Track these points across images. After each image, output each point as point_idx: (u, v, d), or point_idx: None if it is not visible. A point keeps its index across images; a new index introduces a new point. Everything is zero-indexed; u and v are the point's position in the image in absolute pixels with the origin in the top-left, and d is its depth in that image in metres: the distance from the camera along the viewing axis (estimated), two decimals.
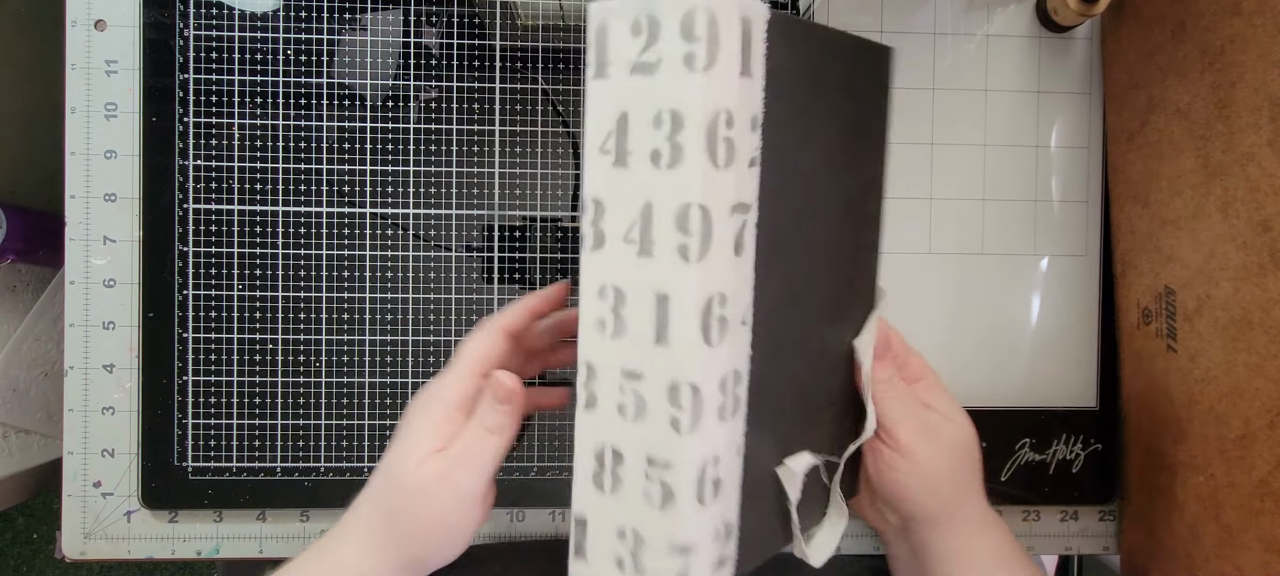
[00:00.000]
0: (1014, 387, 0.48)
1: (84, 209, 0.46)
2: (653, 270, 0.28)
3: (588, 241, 0.30)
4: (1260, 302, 0.37)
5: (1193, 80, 0.41)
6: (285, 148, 0.46)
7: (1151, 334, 0.45)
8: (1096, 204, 0.48)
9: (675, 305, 0.28)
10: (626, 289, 0.29)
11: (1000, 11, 0.48)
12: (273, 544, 0.47)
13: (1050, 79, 0.48)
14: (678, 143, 0.27)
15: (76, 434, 0.46)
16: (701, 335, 0.28)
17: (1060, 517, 0.49)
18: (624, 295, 0.29)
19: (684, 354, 0.28)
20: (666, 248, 0.28)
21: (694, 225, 0.27)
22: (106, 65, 0.45)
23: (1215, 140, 0.39)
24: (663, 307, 0.28)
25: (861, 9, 0.48)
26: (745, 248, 0.29)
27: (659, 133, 0.27)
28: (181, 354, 0.46)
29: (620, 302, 0.29)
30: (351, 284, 0.46)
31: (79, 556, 0.47)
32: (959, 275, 0.48)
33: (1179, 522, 0.43)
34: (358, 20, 0.46)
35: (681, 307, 0.28)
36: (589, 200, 0.30)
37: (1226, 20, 0.39)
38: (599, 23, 0.28)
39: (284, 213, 0.46)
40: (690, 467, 0.28)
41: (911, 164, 0.48)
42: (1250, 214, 0.37)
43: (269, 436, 0.46)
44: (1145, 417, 0.45)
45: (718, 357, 0.28)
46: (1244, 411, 0.38)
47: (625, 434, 0.29)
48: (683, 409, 0.28)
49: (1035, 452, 0.48)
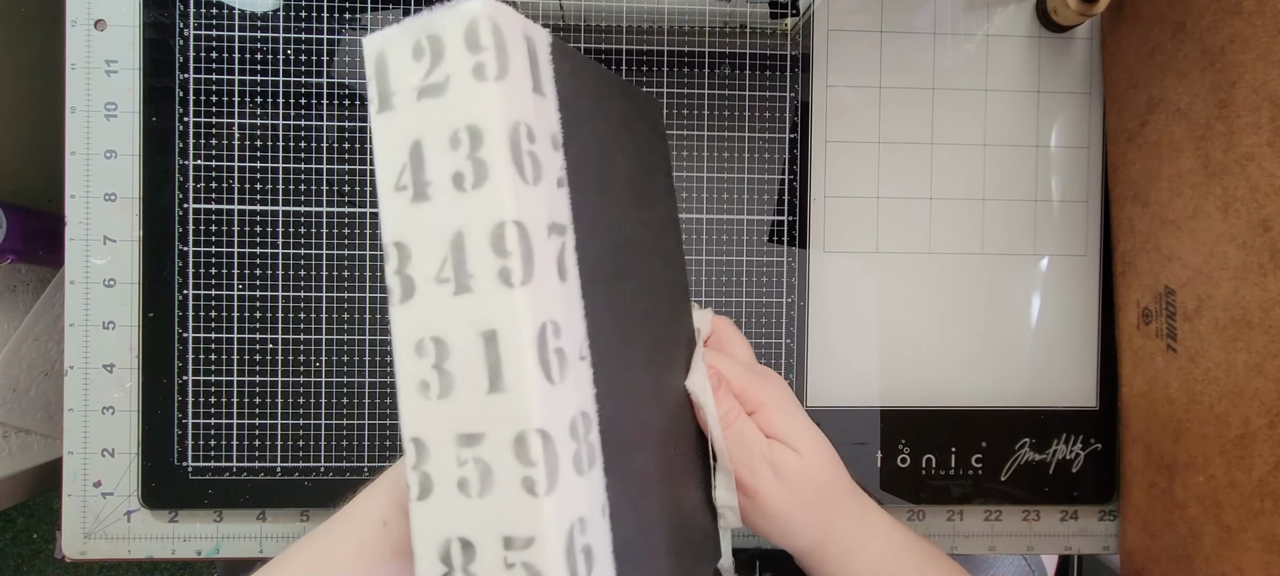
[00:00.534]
0: (1014, 387, 0.48)
1: (84, 209, 0.46)
2: (474, 306, 0.25)
3: (395, 294, 0.26)
4: (1260, 303, 0.37)
5: (1193, 80, 0.41)
6: (285, 148, 0.46)
7: (1151, 334, 0.45)
8: (1096, 204, 0.48)
9: (506, 339, 0.24)
10: (447, 336, 0.25)
11: (1000, 11, 0.48)
12: (273, 544, 0.47)
13: (1050, 79, 0.48)
14: (480, 158, 0.25)
15: (76, 434, 0.46)
16: (541, 370, 0.24)
17: (1060, 517, 0.49)
18: (446, 345, 0.25)
19: (525, 394, 0.24)
20: (486, 276, 0.25)
21: (512, 243, 0.24)
22: (106, 65, 0.45)
23: (1215, 140, 0.39)
24: (492, 347, 0.24)
25: (861, 9, 0.48)
26: (568, 272, 0.27)
27: (458, 153, 0.25)
28: (181, 354, 0.46)
29: (443, 355, 0.25)
30: (351, 284, 0.46)
31: (79, 556, 0.47)
32: (959, 275, 0.48)
33: (1179, 522, 0.43)
34: (358, 20, 0.46)
35: (514, 341, 0.24)
36: (390, 247, 0.26)
37: (1226, 20, 0.39)
38: (376, 54, 0.26)
39: (284, 213, 0.46)
40: (556, 537, 0.24)
41: (911, 164, 0.48)
42: (1250, 214, 0.37)
43: (269, 436, 0.46)
44: (1145, 417, 0.45)
45: (563, 397, 0.25)
46: (1244, 411, 0.38)
47: (472, 517, 0.25)
48: (535, 463, 0.24)
49: (1035, 452, 0.48)
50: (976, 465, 0.48)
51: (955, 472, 0.48)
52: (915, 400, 0.48)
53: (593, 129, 0.30)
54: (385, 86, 0.26)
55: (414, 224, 0.26)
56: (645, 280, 0.34)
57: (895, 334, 0.48)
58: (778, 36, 0.47)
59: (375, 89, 0.26)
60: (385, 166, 0.26)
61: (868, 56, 0.48)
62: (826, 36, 0.47)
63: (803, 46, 0.47)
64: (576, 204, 0.28)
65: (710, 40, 0.47)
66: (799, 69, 0.47)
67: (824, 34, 0.47)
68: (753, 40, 0.47)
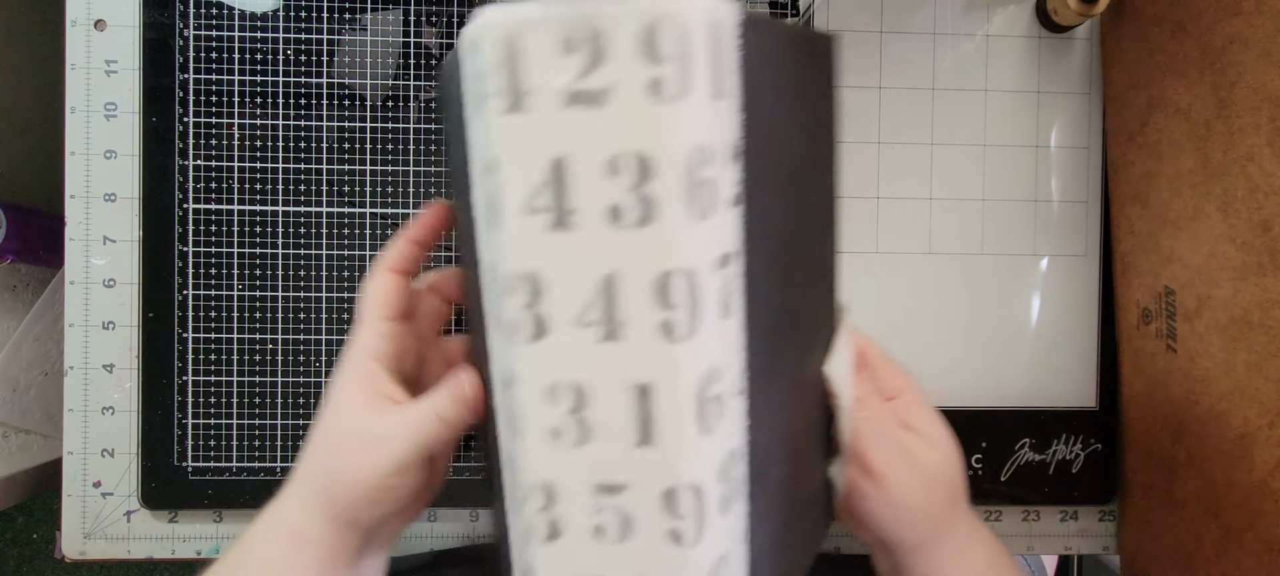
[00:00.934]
0: (1014, 387, 0.48)
1: (84, 209, 0.46)
2: (625, 357, 0.22)
3: (521, 332, 0.23)
4: (1260, 302, 0.37)
5: (1193, 80, 0.41)
6: (285, 148, 0.46)
7: (1151, 334, 0.45)
8: (1096, 204, 0.48)
9: (662, 396, 0.22)
10: (590, 385, 0.23)
11: (1000, 11, 0.48)
12: None
13: (1050, 79, 0.48)
14: (647, 195, 0.21)
15: (76, 434, 0.46)
16: (697, 426, 0.22)
17: (1060, 517, 0.49)
18: (586, 394, 0.23)
19: (680, 452, 0.22)
20: (643, 327, 0.22)
21: (679, 295, 0.21)
22: (106, 65, 0.45)
23: (1215, 140, 0.39)
24: (645, 401, 0.22)
25: (861, 9, 0.48)
26: (733, 308, 0.24)
27: (617, 182, 0.21)
28: (181, 354, 0.46)
29: (582, 404, 0.23)
30: (351, 284, 0.46)
31: (79, 556, 0.47)
32: (959, 275, 0.48)
33: (1179, 522, 0.43)
34: (358, 20, 0.46)
35: (672, 398, 0.22)
36: (514, 277, 0.23)
37: (1226, 20, 0.39)
38: (506, 37, 0.21)
39: (284, 213, 0.46)
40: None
41: (911, 164, 0.48)
42: (1250, 214, 0.37)
43: (269, 436, 0.46)
44: (1145, 417, 0.45)
45: (716, 445, 0.23)
46: (1244, 411, 0.38)
47: (607, 560, 0.24)
48: (684, 516, 0.23)
49: (1035, 452, 0.48)
50: (976, 465, 0.48)
51: None
52: None
53: (772, 116, 0.26)
54: (518, 81, 0.21)
55: (551, 256, 0.22)
56: (805, 273, 0.31)
57: (895, 334, 0.48)
58: None
59: (501, 81, 0.21)
60: (514, 182, 0.22)
61: (868, 56, 0.48)
62: None
63: None
64: (749, 221, 0.24)
65: None
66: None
67: None
68: None
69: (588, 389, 0.23)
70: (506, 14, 0.21)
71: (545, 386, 0.23)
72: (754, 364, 0.25)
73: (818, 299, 0.33)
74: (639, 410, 0.22)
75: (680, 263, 0.21)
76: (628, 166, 0.21)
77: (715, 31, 0.21)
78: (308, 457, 0.33)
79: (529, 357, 0.23)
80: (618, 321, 0.22)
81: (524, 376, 0.23)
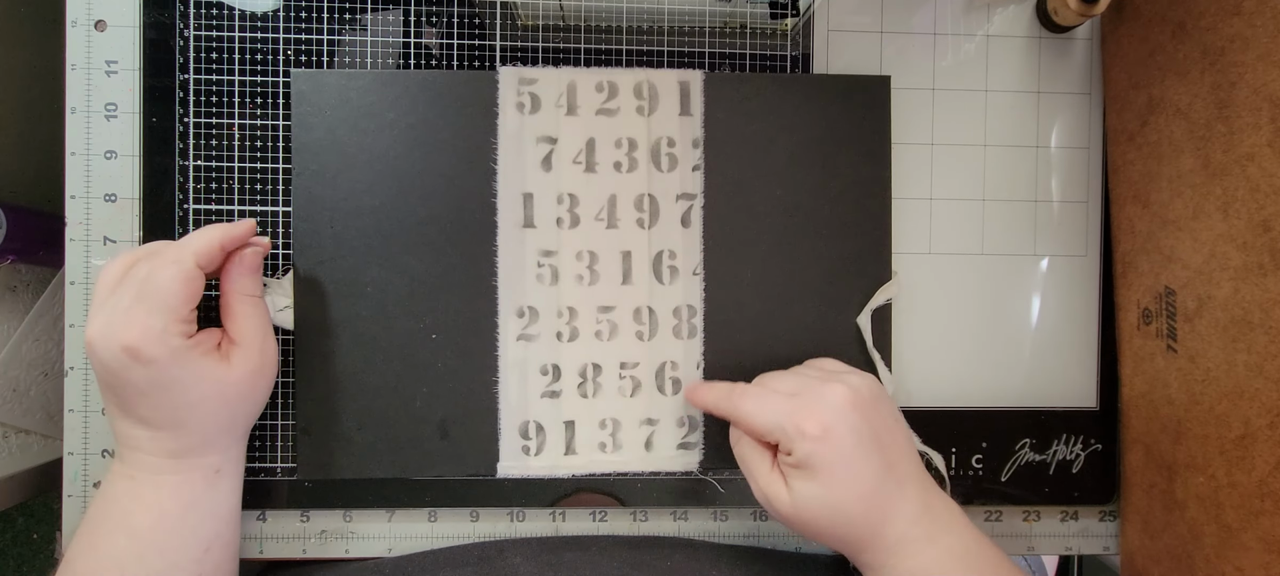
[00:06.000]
0: (1014, 387, 0.48)
1: (84, 209, 0.46)
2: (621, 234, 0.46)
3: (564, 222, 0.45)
4: (1260, 302, 0.37)
5: (1193, 80, 0.41)
6: (285, 148, 0.46)
7: (1151, 334, 0.45)
8: (1096, 204, 0.48)
9: (636, 258, 0.45)
10: (600, 252, 0.45)
11: (1000, 11, 0.48)
12: (273, 544, 0.47)
13: (1050, 79, 0.48)
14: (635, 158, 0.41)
15: (76, 434, 0.46)
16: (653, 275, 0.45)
17: (1060, 518, 0.49)
18: (597, 256, 0.45)
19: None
20: (629, 221, 0.45)
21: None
22: (106, 65, 0.45)
23: (1215, 140, 0.39)
24: (626, 261, 0.45)
25: (861, 9, 0.48)
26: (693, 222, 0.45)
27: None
28: None
29: (593, 261, 0.45)
30: None
31: None
32: (959, 275, 0.48)
33: (1179, 522, 0.43)
34: (358, 20, 0.46)
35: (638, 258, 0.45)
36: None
37: (1226, 20, 0.39)
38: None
39: (284, 213, 0.46)
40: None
41: (911, 164, 0.48)
42: (1250, 214, 0.37)
43: (268, 436, 0.46)
44: (1145, 417, 0.45)
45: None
46: (1244, 411, 0.38)
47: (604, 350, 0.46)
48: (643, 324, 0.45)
49: (1035, 453, 0.48)
50: (977, 465, 0.48)
51: (955, 473, 0.48)
52: (915, 400, 0.48)
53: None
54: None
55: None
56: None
57: (895, 334, 0.48)
58: (778, 37, 0.47)
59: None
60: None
61: (868, 57, 0.48)
62: (826, 36, 0.47)
63: (803, 46, 0.47)
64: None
65: (710, 40, 0.47)
66: (799, 69, 0.47)
67: (824, 34, 0.47)
68: (753, 40, 0.47)
69: (598, 254, 0.45)
70: None
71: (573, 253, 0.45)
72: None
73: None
74: (622, 266, 0.45)
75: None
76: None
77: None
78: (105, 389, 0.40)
79: (564, 240, 0.45)
80: (617, 219, 0.44)
81: (560, 249, 0.45)
